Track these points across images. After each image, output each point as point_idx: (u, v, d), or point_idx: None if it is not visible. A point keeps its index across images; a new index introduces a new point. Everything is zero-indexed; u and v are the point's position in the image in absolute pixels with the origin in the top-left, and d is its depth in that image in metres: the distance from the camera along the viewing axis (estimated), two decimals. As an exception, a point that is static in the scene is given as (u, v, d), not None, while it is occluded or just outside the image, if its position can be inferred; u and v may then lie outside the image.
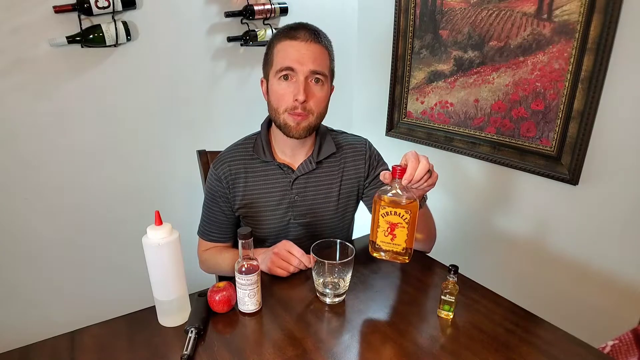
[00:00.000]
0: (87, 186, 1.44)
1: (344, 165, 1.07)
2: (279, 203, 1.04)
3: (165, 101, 1.51)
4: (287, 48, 0.92)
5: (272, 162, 1.02)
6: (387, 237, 0.78)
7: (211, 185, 1.05)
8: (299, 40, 0.91)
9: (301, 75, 0.91)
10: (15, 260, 1.39)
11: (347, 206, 1.09)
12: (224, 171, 1.03)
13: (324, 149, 1.05)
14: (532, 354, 0.71)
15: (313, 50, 0.92)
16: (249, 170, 1.03)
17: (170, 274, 0.74)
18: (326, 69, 0.95)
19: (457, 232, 1.60)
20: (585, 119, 1.13)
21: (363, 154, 1.09)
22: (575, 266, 1.26)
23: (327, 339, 0.75)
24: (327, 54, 0.96)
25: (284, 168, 1.03)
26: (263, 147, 1.03)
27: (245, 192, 1.03)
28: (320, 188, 1.05)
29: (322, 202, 1.06)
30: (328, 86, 0.97)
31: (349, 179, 1.08)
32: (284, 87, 0.93)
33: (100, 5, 1.24)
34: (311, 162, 1.03)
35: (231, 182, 1.03)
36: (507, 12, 1.27)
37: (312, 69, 0.91)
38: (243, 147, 1.05)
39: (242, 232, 0.78)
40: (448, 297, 0.79)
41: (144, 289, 0.85)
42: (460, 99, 1.47)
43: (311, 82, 0.93)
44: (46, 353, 0.71)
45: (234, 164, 1.03)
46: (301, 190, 1.04)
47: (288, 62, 0.91)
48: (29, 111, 1.29)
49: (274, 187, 1.03)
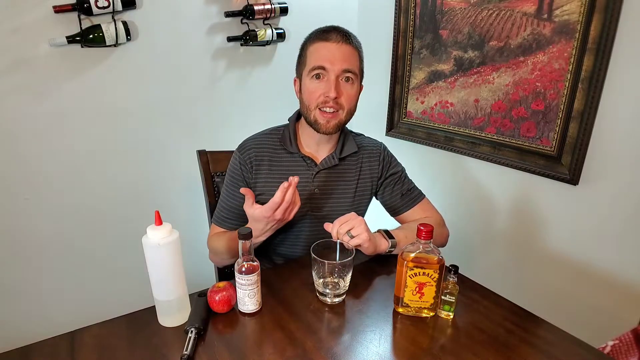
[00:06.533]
0: (87, 186, 1.44)
1: (361, 165, 1.11)
2: (298, 194, 1.04)
3: (165, 101, 1.51)
4: (320, 49, 0.97)
5: (297, 153, 1.06)
6: (415, 295, 0.79)
7: (234, 168, 1.07)
8: (331, 41, 0.97)
9: (332, 74, 0.96)
10: (15, 260, 1.39)
11: (360, 203, 1.13)
12: (249, 155, 1.05)
13: (347, 147, 1.09)
14: (532, 354, 0.71)
15: (344, 50, 0.97)
16: (274, 158, 1.06)
17: (170, 274, 0.74)
18: (356, 68, 0.99)
19: (457, 232, 1.59)
20: (585, 119, 1.13)
21: (378, 156, 1.13)
22: (575, 266, 1.26)
23: (327, 339, 0.75)
24: (358, 55, 1.00)
25: (308, 161, 1.06)
26: (290, 139, 1.06)
27: (267, 179, 1.05)
28: (339, 183, 1.09)
29: (339, 197, 1.09)
30: (358, 85, 1.02)
31: (364, 178, 1.12)
32: (315, 85, 0.98)
33: (100, 5, 1.24)
34: (334, 157, 1.07)
35: (255, 167, 1.05)
36: (507, 12, 1.27)
37: (343, 67, 0.96)
38: (270, 136, 1.08)
39: (242, 232, 0.78)
40: (448, 297, 0.79)
41: (144, 289, 0.85)
42: (460, 99, 1.47)
43: (342, 81, 0.98)
44: (46, 353, 0.71)
45: (259, 150, 1.06)
46: (321, 184, 1.07)
47: (320, 62, 0.96)
48: (29, 111, 1.29)
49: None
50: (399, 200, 1.13)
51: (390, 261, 0.98)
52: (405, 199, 1.12)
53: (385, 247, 0.96)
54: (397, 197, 1.13)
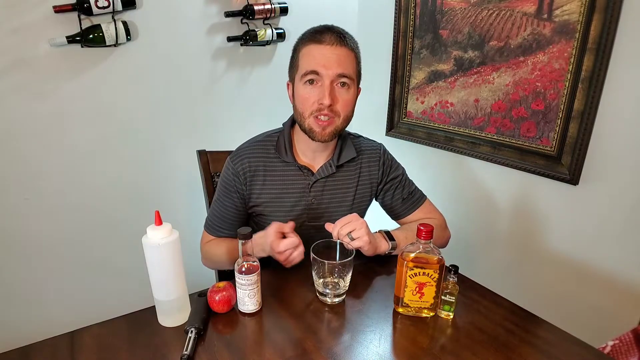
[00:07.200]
0: (87, 186, 1.44)
1: (359, 170, 1.07)
2: (295, 204, 1.03)
3: (165, 101, 1.51)
4: (313, 52, 0.91)
5: (292, 163, 1.01)
6: (415, 295, 0.79)
7: (227, 179, 1.02)
8: (324, 43, 0.90)
9: (327, 79, 0.90)
10: (15, 260, 1.39)
11: (359, 210, 1.10)
12: (243, 166, 1.00)
13: (345, 153, 1.04)
14: (532, 354, 0.71)
15: (339, 53, 0.91)
16: (269, 168, 1.02)
17: (170, 274, 0.74)
18: (352, 72, 0.93)
19: (457, 232, 1.59)
20: (586, 119, 1.13)
21: (377, 160, 1.09)
22: (575, 266, 1.26)
23: (327, 339, 0.75)
24: (354, 57, 0.94)
25: (304, 170, 1.02)
26: (285, 147, 1.02)
27: (262, 190, 1.02)
28: (337, 192, 1.05)
29: (337, 206, 1.06)
30: (354, 89, 0.96)
31: (364, 183, 1.08)
32: (309, 91, 0.92)
33: (100, 5, 1.24)
34: (331, 165, 1.03)
35: (249, 178, 1.01)
36: (508, 12, 1.27)
37: (337, 72, 0.90)
38: (264, 144, 1.03)
39: (242, 232, 0.78)
40: (448, 297, 0.79)
41: (144, 289, 0.85)
42: (460, 99, 1.47)
43: (337, 86, 0.92)
44: (46, 353, 0.71)
45: (254, 160, 1.01)
46: (318, 194, 1.04)
47: (313, 66, 0.90)
48: (29, 111, 1.29)
49: (292, 188, 1.02)
50: (400, 204, 1.11)
51: (390, 261, 0.98)
52: (407, 203, 1.10)
53: (385, 248, 0.96)
54: (398, 201, 1.10)
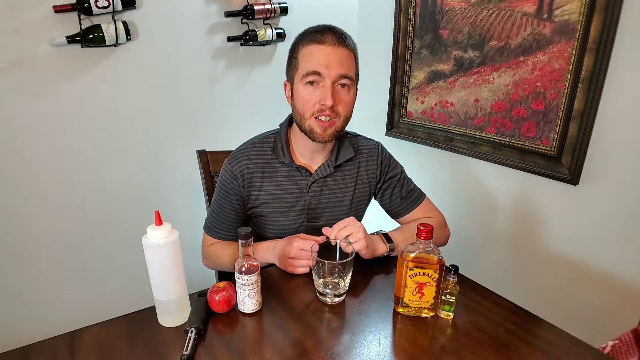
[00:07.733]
0: (87, 186, 1.44)
1: (358, 170, 1.07)
2: (293, 205, 1.03)
3: (165, 101, 1.51)
4: (314, 52, 0.91)
5: (290, 163, 1.01)
6: (415, 295, 0.79)
7: (225, 181, 1.02)
8: (325, 44, 0.90)
9: (328, 80, 0.90)
10: (15, 260, 1.39)
11: (358, 209, 1.10)
12: (240, 169, 1.00)
13: (343, 153, 1.04)
14: (532, 354, 0.71)
15: (340, 54, 0.90)
16: (267, 170, 1.01)
17: (170, 274, 0.74)
18: (353, 72, 0.94)
19: (457, 232, 1.59)
20: (586, 119, 1.13)
21: (375, 159, 1.09)
22: (575, 266, 1.26)
23: (327, 339, 0.75)
24: (354, 57, 0.95)
25: (302, 171, 1.02)
26: (282, 149, 1.01)
27: (260, 192, 1.02)
28: (335, 192, 1.05)
29: (335, 206, 1.06)
30: (354, 90, 0.97)
31: (362, 183, 1.08)
32: (310, 92, 0.92)
33: (100, 5, 1.24)
34: (329, 165, 1.03)
35: (247, 181, 1.01)
36: (508, 12, 1.27)
37: (339, 72, 0.90)
38: (261, 146, 1.03)
39: (242, 232, 0.78)
40: (448, 297, 0.79)
41: (144, 289, 0.85)
42: (460, 99, 1.47)
43: (338, 87, 0.92)
44: (46, 353, 0.71)
45: (251, 162, 1.01)
46: (317, 194, 1.04)
47: (315, 67, 0.90)
48: (29, 111, 1.29)
49: (291, 189, 1.02)
50: (398, 203, 1.11)
51: (390, 261, 0.98)
52: (405, 202, 1.10)
53: (383, 251, 0.96)
54: (396, 200, 1.10)
